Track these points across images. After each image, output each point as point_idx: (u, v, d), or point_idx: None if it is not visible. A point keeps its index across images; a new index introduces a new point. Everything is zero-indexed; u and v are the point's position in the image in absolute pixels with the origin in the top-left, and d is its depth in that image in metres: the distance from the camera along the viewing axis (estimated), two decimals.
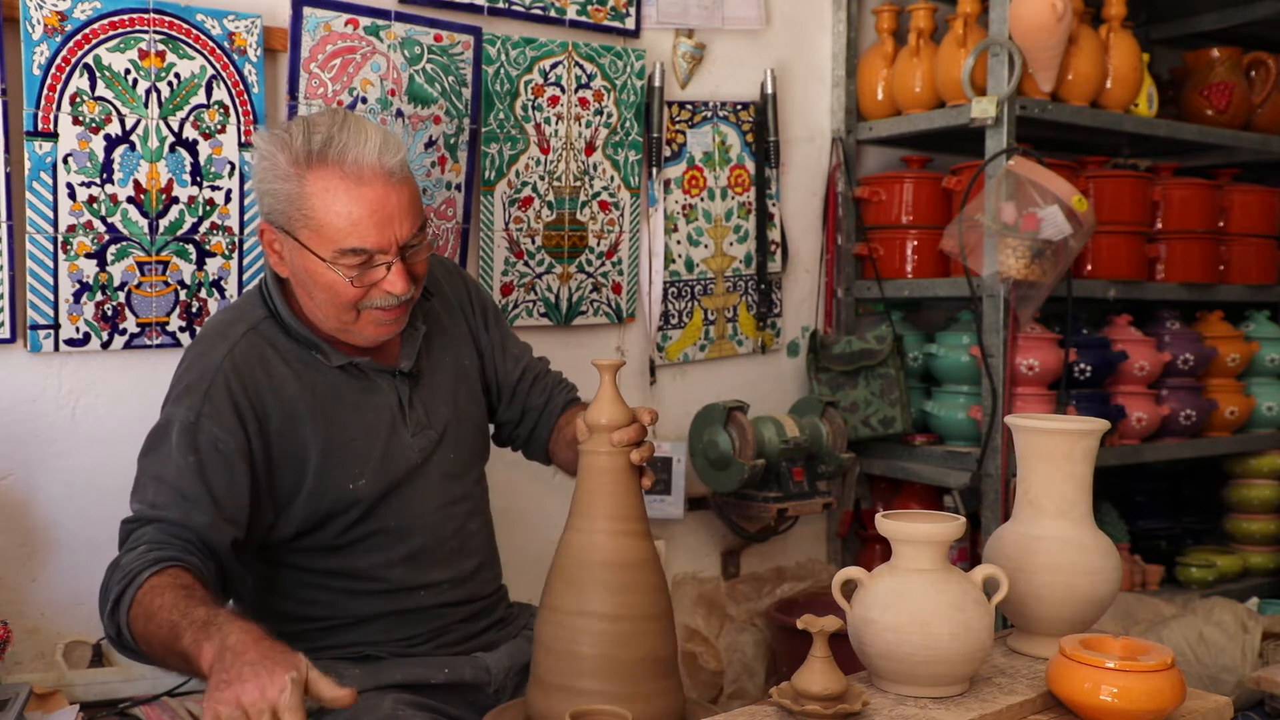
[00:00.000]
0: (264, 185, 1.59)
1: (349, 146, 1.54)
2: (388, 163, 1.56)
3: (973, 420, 2.76)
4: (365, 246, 1.55)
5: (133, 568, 1.44)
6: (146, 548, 1.46)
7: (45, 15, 1.93)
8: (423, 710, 1.57)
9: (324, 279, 1.58)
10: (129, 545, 1.49)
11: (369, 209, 1.54)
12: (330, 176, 1.54)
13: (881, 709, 1.37)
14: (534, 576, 1.71)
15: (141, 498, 1.53)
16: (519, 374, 1.92)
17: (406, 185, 1.59)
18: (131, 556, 1.46)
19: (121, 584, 1.44)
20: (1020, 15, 2.57)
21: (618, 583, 1.44)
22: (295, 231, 1.57)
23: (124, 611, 1.43)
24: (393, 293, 1.59)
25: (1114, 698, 1.33)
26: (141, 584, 1.42)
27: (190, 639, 1.33)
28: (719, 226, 2.83)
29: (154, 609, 1.39)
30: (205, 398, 1.55)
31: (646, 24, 2.68)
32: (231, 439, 1.55)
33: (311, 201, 1.55)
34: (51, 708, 1.89)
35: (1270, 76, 3.23)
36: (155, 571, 1.43)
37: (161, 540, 1.48)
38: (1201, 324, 3.18)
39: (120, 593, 1.44)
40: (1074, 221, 2.54)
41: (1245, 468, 3.23)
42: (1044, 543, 1.54)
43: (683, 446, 2.66)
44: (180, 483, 1.51)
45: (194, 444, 1.53)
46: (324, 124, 1.57)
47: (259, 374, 1.60)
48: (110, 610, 1.45)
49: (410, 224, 1.58)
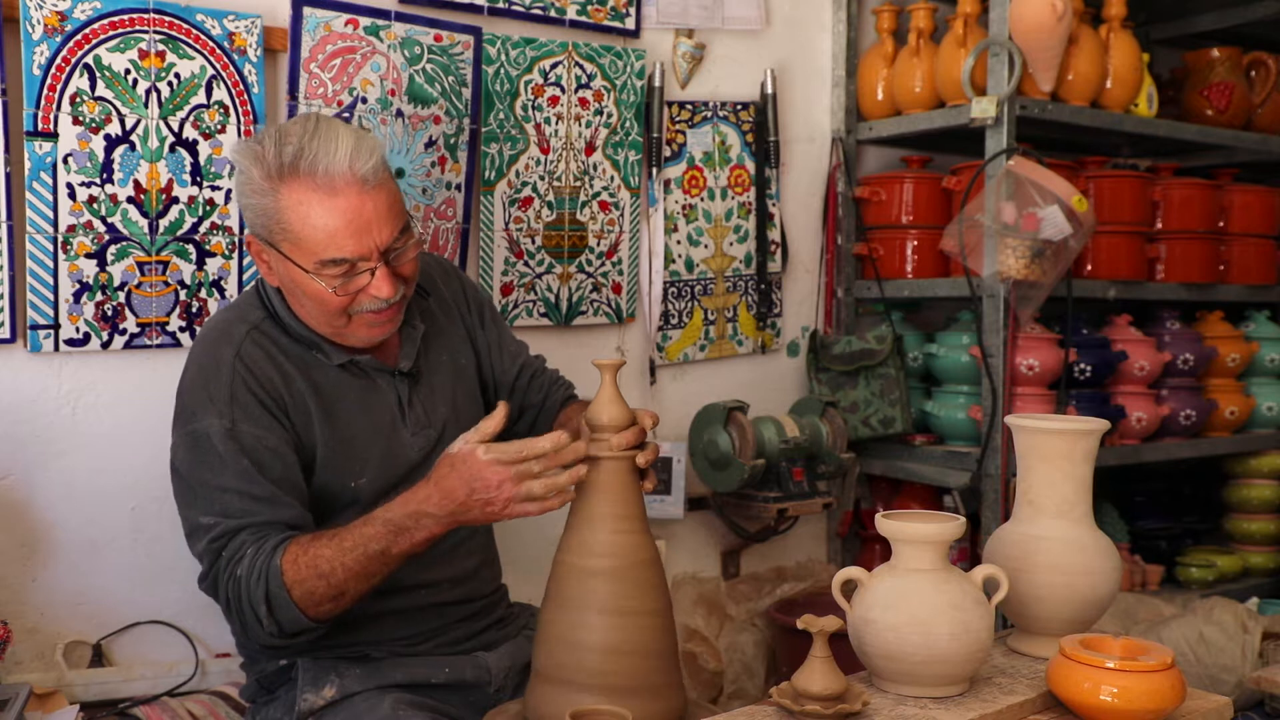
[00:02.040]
0: (243, 199, 1.60)
1: (319, 157, 1.52)
2: (360, 170, 1.54)
3: (973, 420, 2.76)
4: (345, 256, 1.55)
5: (261, 569, 1.47)
6: (254, 549, 1.49)
7: (45, 15, 1.93)
8: (423, 710, 1.57)
9: (310, 289, 1.58)
10: (234, 558, 1.50)
11: (344, 219, 1.53)
12: (303, 189, 1.53)
13: (881, 709, 1.37)
14: (534, 576, 1.71)
15: (209, 509, 1.54)
16: (516, 371, 1.92)
17: (383, 190, 1.57)
18: (247, 563, 1.49)
19: (263, 586, 1.47)
20: (1020, 15, 2.57)
21: (618, 582, 1.44)
22: (277, 244, 1.58)
23: (283, 601, 1.46)
24: (379, 297, 1.58)
25: (1114, 698, 1.33)
26: (281, 568, 1.46)
27: (402, 544, 1.49)
28: (719, 226, 2.83)
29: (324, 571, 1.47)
30: (232, 403, 1.56)
31: (646, 24, 2.68)
32: (270, 434, 1.57)
33: (287, 215, 1.54)
34: (51, 708, 1.89)
35: (1270, 76, 3.22)
36: (280, 556, 1.47)
37: (260, 536, 1.51)
38: (1201, 324, 3.18)
39: (266, 593, 1.47)
40: (1074, 221, 2.54)
41: (1245, 468, 3.23)
42: (1044, 543, 1.54)
43: (683, 446, 2.66)
44: (246, 487, 1.53)
45: (240, 447, 1.54)
46: (295, 134, 1.55)
47: (269, 369, 1.61)
48: (267, 612, 1.48)
49: (390, 228, 1.57)
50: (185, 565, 2.01)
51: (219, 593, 1.53)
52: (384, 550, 1.48)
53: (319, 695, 1.60)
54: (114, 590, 2.07)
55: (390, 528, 1.49)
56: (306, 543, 1.49)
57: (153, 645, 2.10)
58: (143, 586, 2.09)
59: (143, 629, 2.09)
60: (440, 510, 1.47)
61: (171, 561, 2.08)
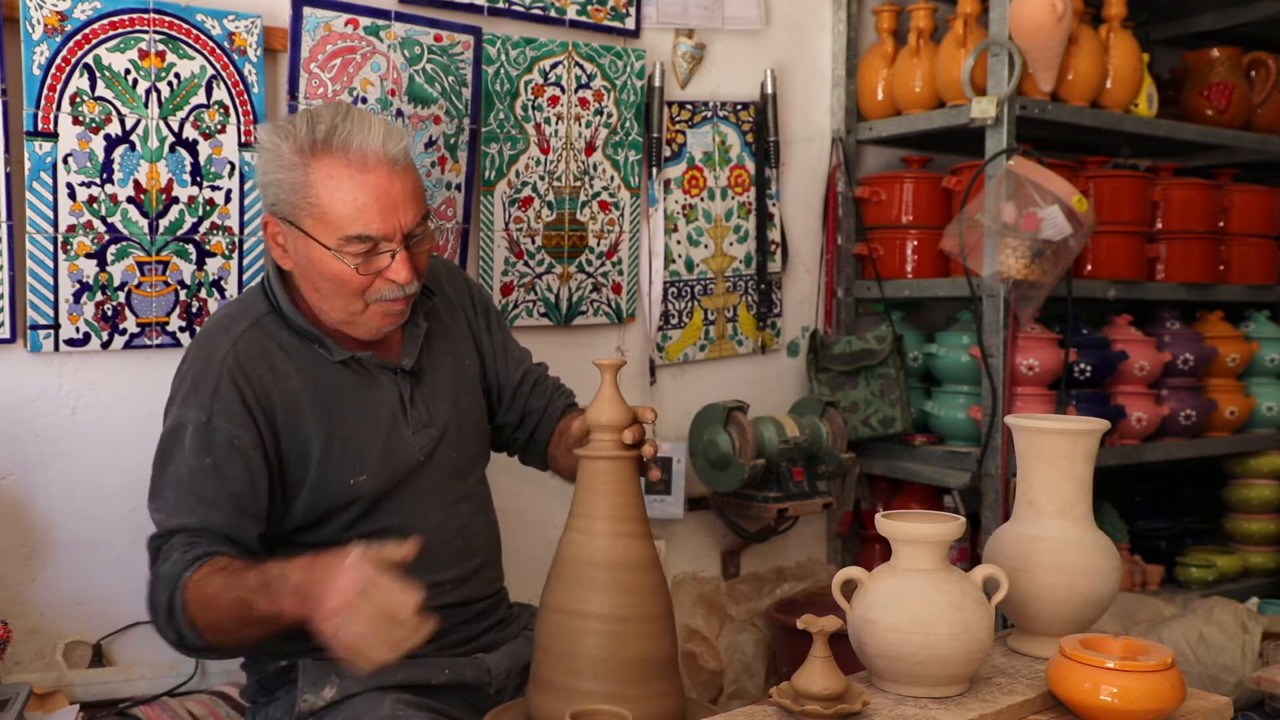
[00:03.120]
0: (268, 176, 1.60)
1: (353, 134, 1.56)
2: (391, 150, 1.57)
3: (973, 420, 2.76)
4: (370, 233, 1.56)
5: (173, 574, 1.48)
6: (180, 553, 1.50)
7: (45, 15, 1.93)
8: (423, 710, 1.57)
9: (329, 269, 1.58)
10: (162, 558, 1.52)
11: (373, 195, 1.56)
12: (335, 164, 1.56)
13: (881, 709, 1.37)
14: (534, 577, 1.71)
15: (160, 505, 1.55)
16: (520, 376, 1.92)
17: (410, 174, 1.61)
18: (168, 566, 1.49)
19: (168, 592, 1.47)
20: (1020, 15, 2.57)
21: (618, 583, 1.44)
22: (299, 221, 1.58)
23: (180, 614, 1.46)
24: (397, 281, 1.59)
25: (1114, 698, 1.33)
26: (187, 582, 1.46)
27: (264, 605, 1.39)
28: (719, 226, 2.83)
29: (209, 598, 1.44)
30: (214, 396, 1.56)
31: (646, 24, 2.68)
32: (246, 434, 1.56)
33: (316, 189, 1.56)
34: (51, 708, 1.89)
35: (1270, 76, 3.22)
36: (195, 569, 1.47)
37: (190, 542, 1.51)
38: (1201, 324, 3.18)
39: (169, 599, 1.47)
40: (1074, 221, 2.54)
41: (1245, 468, 3.23)
42: (1044, 543, 1.54)
43: (683, 446, 2.66)
44: (198, 487, 1.53)
45: (209, 444, 1.54)
46: (327, 115, 1.59)
47: (262, 368, 1.61)
48: (166, 619, 1.48)
49: (414, 212, 1.60)
50: None
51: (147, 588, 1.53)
52: (250, 601, 1.41)
53: (319, 696, 1.59)
54: (114, 590, 2.06)
55: (261, 579, 1.42)
56: (218, 567, 1.46)
57: (153, 645, 2.08)
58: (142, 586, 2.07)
59: (143, 629, 2.09)
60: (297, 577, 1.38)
61: None
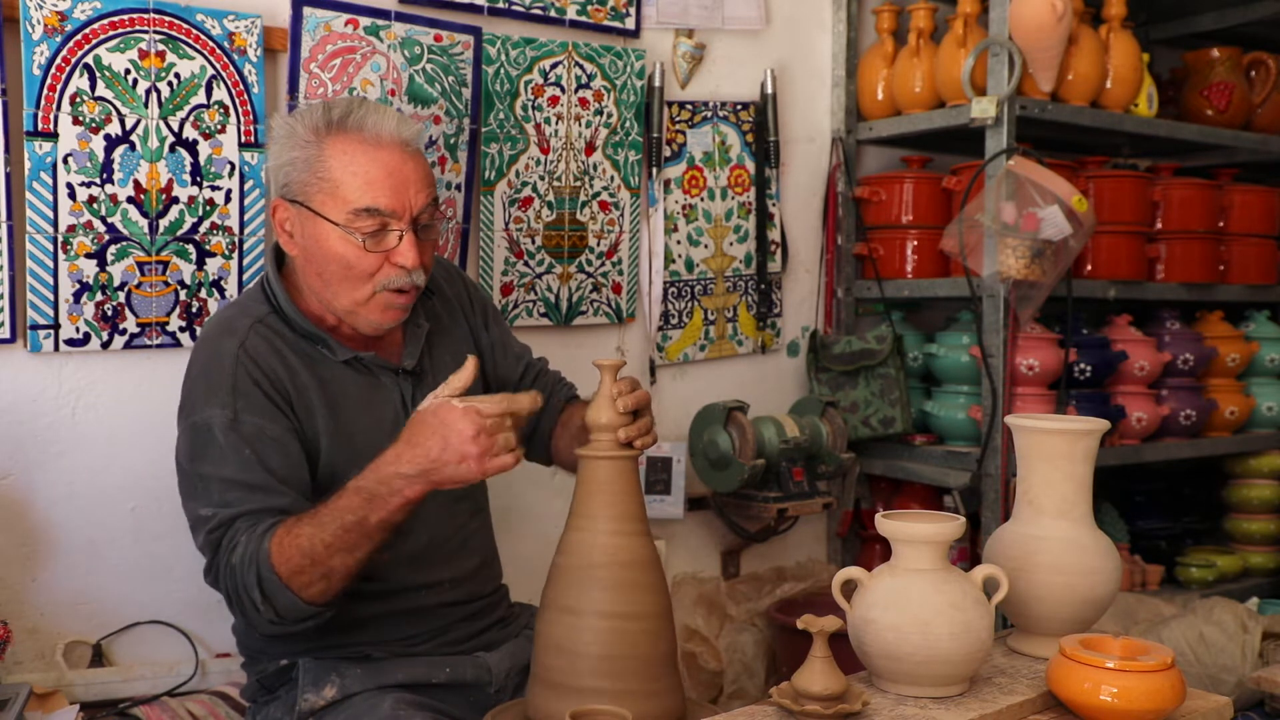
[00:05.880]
0: (280, 157, 1.63)
1: (367, 117, 1.61)
2: (405, 133, 1.62)
3: (973, 420, 2.76)
4: (379, 206, 1.58)
5: (249, 553, 1.47)
6: (246, 535, 1.49)
7: (45, 15, 1.93)
8: (423, 710, 1.57)
9: (336, 250, 1.59)
10: (229, 547, 1.50)
11: (385, 170, 1.59)
12: (349, 141, 1.60)
13: (881, 709, 1.37)
14: (534, 576, 1.71)
15: (208, 501, 1.54)
16: (521, 371, 1.93)
17: (421, 160, 1.65)
18: (239, 550, 1.48)
19: (253, 570, 1.46)
20: (1020, 15, 2.57)
21: (617, 582, 1.44)
22: (310, 199, 1.60)
23: (273, 584, 1.45)
24: (404, 266, 1.60)
25: (1114, 698, 1.33)
26: (270, 551, 1.46)
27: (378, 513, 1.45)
28: (719, 226, 2.83)
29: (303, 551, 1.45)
30: (234, 393, 1.56)
31: (646, 24, 2.68)
32: (275, 424, 1.57)
33: (329, 163, 1.59)
34: (51, 708, 1.89)
35: (1270, 76, 3.22)
36: (269, 538, 1.46)
37: (253, 523, 1.50)
38: (1201, 324, 3.18)
39: (257, 577, 1.46)
40: (1074, 221, 2.54)
41: (1245, 468, 3.23)
42: (1044, 543, 1.54)
43: (683, 446, 2.66)
44: (244, 476, 1.53)
45: (242, 439, 1.54)
46: (343, 101, 1.66)
47: (274, 361, 1.61)
48: (260, 598, 1.47)
49: (425, 194, 1.63)
50: (185, 565, 2.02)
51: (220, 584, 1.53)
52: (360, 520, 1.46)
53: (319, 695, 1.60)
54: (114, 590, 2.07)
55: (363, 495, 1.46)
56: (291, 524, 1.48)
57: (153, 645, 2.10)
58: (143, 586, 2.09)
59: (143, 629, 2.10)
60: (412, 468, 1.45)
61: (171, 561, 2.08)
